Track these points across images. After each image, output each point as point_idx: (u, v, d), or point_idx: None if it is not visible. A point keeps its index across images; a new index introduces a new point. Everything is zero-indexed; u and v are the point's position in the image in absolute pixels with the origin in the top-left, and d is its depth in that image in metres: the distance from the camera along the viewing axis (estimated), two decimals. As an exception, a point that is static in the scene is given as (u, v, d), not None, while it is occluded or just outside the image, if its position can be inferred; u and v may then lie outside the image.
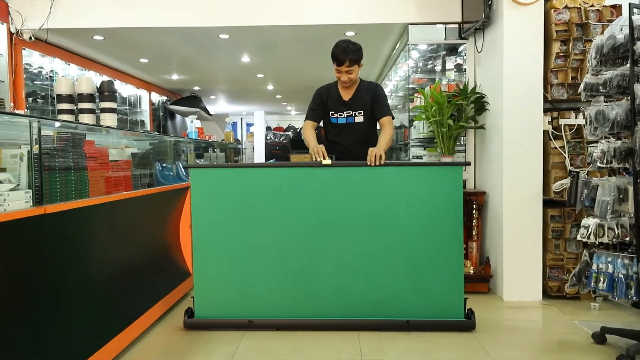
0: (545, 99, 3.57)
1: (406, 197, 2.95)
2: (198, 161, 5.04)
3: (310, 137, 3.18)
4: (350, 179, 2.95)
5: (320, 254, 2.97)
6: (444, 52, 4.62)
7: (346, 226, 2.96)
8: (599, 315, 3.28)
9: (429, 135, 4.16)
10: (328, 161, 2.94)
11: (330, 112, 3.29)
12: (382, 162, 2.92)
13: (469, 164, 3.97)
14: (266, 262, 2.97)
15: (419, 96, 4.22)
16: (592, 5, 3.50)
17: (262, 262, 2.97)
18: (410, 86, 4.54)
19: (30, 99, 4.91)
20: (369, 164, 2.91)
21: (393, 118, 3.34)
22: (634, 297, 2.49)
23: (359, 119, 3.24)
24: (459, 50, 4.48)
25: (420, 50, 4.63)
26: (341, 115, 3.25)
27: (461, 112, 4.02)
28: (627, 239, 2.59)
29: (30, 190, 2.04)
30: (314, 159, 2.98)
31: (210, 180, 2.99)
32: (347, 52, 3.04)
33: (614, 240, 2.61)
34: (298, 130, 12.26)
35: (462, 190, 2.99)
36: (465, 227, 3.97)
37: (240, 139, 12.72)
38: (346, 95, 3.24)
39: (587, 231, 2.69)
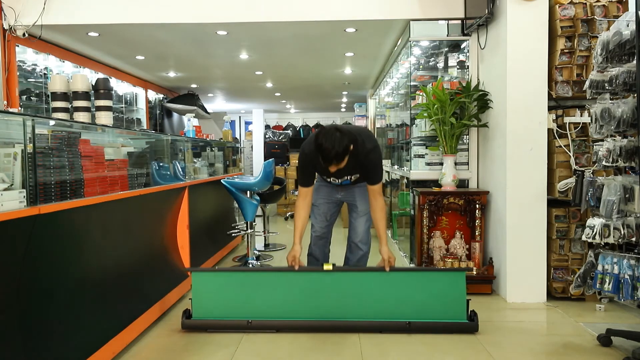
0: (550, 97, 3.52)
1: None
2: (195, 160, 4.99)
3: (299, 221, 3.07)
4: (351, 280, 3.00)
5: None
6: (446, 49, 4.56)
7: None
8: (605, 317, 3.24)
9: (431, 133, 4.11)
10: (329, 266, 2.97)
11: (324, 177, 3.19)
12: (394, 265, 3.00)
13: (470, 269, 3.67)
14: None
15: (421, 94, 4.16)
16: (598, 1, 3.45)
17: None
18: (412, 83, 4.48)
19: (24, 97, 4.83)
20: (386, 269, 2.97)
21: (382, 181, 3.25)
22: (641, 299, 2.45)
23: (355, 177, 3.11)
24: (462, 46, 4.42)
25: (422, 46, 4.57)
26: (335, 180, 3.13)
27: (464, 110, 3.97)
28: (634, 239, 2.55)
29: (25, 190, 2.00)
30: (289, 264, 3.02)
31: (212, 283, 3.03)
32: (333, 154, 2.73)
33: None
34: (297, 129, 12.22)
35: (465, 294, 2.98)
36: (468, 228, 3.94)
37: (238, 137, 12.67)
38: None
39: (593, 231, 2.66)
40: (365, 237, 3.27)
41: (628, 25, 2.51)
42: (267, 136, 11.26)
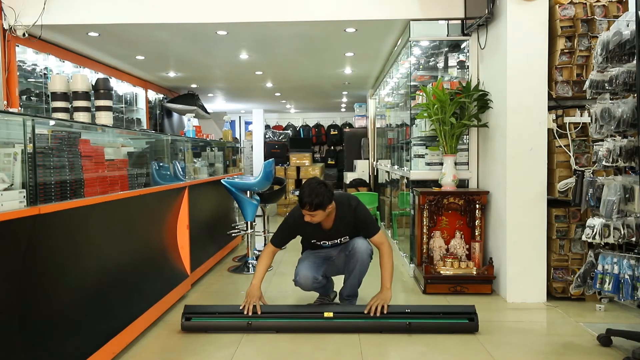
0: (550, 97, 3.52)
1: None
2: (195, 160, 4.98)
3: (260, 268, 3.04)
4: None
5: None
6: (446, 49, 4.56)
7: None
8: (605, 317, 3.24)
9: (431, 133, 4.11)
10: (330, 314, 2.95)
11: (312, 240, 3.16)
12: (385, 312, 2.89)
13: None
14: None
15: (421, 94, 4.16)
16: (598, 1, 3.45)
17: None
18: (412, 83, 4.48)
19: (24, 97, 4.83)
20: (366, 312, 2.90)
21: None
22: (641, 299, 2.44)
23: (345, 239, 3.13)
24: (462, 46, 4.42)
25: (422, 46, 4.57)
26: (325, 242, 3.14)
27: (464, 110, 3.97)
28: (633, 239, 2.55)
29: (25, 190, 2.00)
30: (244, 307, 2.94)
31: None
32: (310, 196, 2.82)
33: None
34: (297, 129, 12.21)
35: None
36: (468, 228, 3.94)
37: (238, 137, 12.66)
38: (326, 225, 3.04)
39: (593, 231, 2.65)
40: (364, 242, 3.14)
41: (628, 25, 2.51)
42: (267, 136, 11.26)
